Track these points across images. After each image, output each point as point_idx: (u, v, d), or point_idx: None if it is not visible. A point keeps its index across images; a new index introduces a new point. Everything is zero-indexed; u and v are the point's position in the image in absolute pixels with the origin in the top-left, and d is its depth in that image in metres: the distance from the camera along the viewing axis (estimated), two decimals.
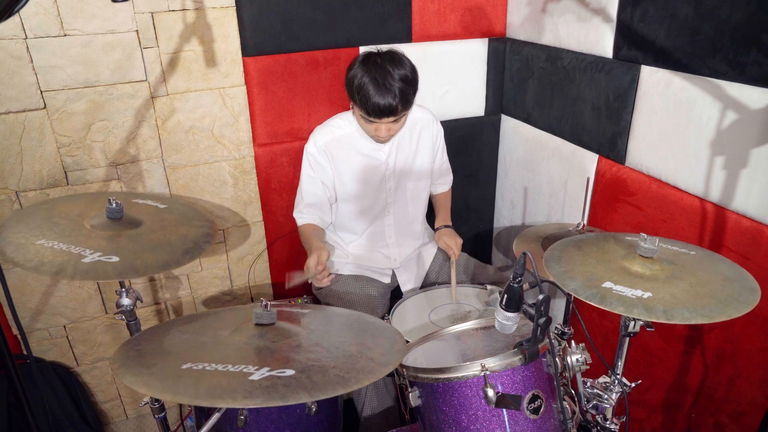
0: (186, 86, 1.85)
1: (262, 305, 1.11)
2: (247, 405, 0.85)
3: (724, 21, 1.36)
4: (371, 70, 1.63)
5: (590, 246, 1.28)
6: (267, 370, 0.92)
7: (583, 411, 1.31)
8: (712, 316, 1.01)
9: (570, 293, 1.55)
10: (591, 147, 1.89)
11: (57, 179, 1.79)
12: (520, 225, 2.40)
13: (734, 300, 1.06)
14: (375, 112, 1.63)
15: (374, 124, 1.69)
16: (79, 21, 1.66)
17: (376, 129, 1.71)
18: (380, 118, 1.65)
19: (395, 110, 1.64)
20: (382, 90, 1.61)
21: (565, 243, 1.31)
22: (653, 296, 1.05)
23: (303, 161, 1.89)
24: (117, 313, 1.35)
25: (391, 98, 1.61)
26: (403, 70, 1.65)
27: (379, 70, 1.62)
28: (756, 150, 1.34)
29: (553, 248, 1.28)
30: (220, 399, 0.86)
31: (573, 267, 1.18)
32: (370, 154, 1.85)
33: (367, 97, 1.61)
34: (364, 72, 1.63)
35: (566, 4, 1.88)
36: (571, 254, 1.24)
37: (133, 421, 2.22)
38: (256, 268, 2.21)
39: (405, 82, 1.64)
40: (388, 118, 1.66)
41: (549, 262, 1.21)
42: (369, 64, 1.64)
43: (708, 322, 1.01)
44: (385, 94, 1.61)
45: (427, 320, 1.70)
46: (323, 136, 1.84)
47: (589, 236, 1.36)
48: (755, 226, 1.38)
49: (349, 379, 0.92)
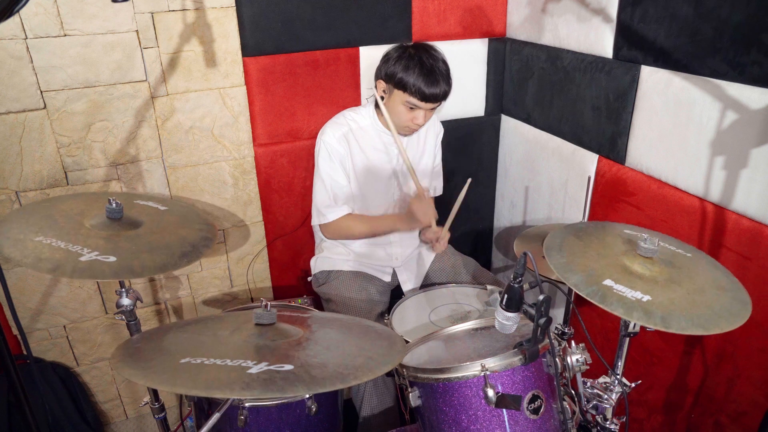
0: (186, 86, 1.85)
1: (262, 305, 1.11)
2: (244, 396, 0.85)
3: (724, 21, 1.36)
4: (416, 57, 1.69)
5: (590, 237, 1.28)
6: (266, 364, 0.92)
7: (583, 411, 1.31)
8: (707, 327, 1.01)
9: (570, 290, 1.55)
10: (591, 147, 1.89)
11: (57, 179, 1.79)
12: (520, 225, 2.40)
13: (727, 312, 1.06)
14: (427, 96, 1.68)
15: (416, 111, 1.73)
16: (79, 21, 1.66)
17: (415, 117, 1.74)
18: (429, 102, 1.70)
19: (445, 94, 1.72)
20: (433, 74, 1.67)
21: (566, 232, 1.30)
22: (652, 300, 1.05)
23: (321, 155, 1.81)
24: (117, 313, 1.35)
25: (443, 82, 1.69)
26: (442, 56, 1.74)
27: (425, 56, 1.69)
28: (756, 150, 1.34)
29: (553, 236, 1.27)
30: (218, 390, 0.86)
31: (574, 259, 1.17)
32: (384, 148, 1.86)
33: (419, 81, 1.66)
34: (409, 60, 1.68)
35: (566, 4, 1.88)
36: (571, 244, 1.24)
37: (133, 421, 2.22)
38: (256, 268, 2.21)
39: (447, 69, 1.73)
40: (434, 104, 1.72)
41: (550, 251, 1.20)
42: (410, 54, 1.70)
43: (703, 333, 1.01)
44: (437, 77, 1.68)
45: (427, 320, 1.70)
46: (340, 127, 1.84)
47: (587, 225, 1.36)
48: (755, 226, 1.38)
49: (348, 375, 0.92)
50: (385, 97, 1.78)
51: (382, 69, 1.76)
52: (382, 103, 1.77)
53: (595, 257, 1.19)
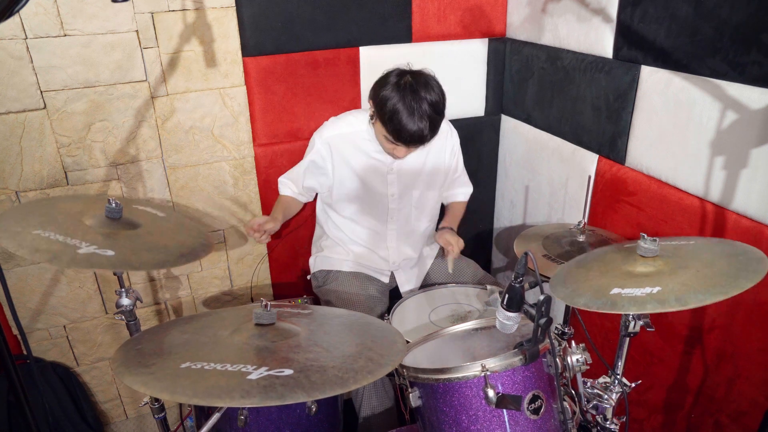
0: (186, 86, 1.85)
1: (262, 305, 1.11)
2: (244, 404, 0.85)
3: (724, 21, 1.36)
4: (405, 95, 1.60)
5: (591, 263, 1.27)
6: (265, 369, 0.92)
7: (584, 411, 1.31)
8: (726, 291, 0.98)
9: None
10: (591, 147, 1.89)
11: (57, 179, 1.79)
12: (520, 225, 2.40)
13: (744, 270, 1.04)
14: (404, 140, 1.63)
15: (394, 144, 1.68)
16: (79, 21, 1.66)
17: (396, 150, 1.71)
18: (408, 145, 1.66)
19: (425, 140, 1.65)
20: (414, 119, 1.59)
21: (567, 267, 1.30)
22: (663, 289, 1.04)
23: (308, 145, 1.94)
24: (117, 313, 1.35)
25: (423, 127, 1.60)
26: (435, 96, 1.63)
27: (413, 97, 1.59)
28: (756, 150, 1.34)
29: (555, 275, 1.27)
30: (218, 398, 0.86)
31: (578, 285, 1.16)
32: (374, 156, 1.84)
33: (400, 125, 1.60)
34: (399, 97, 1.60)
35: (566, 4, 1.88)
36: (574, 275, 1.23)
37: (133, 421, 2.22)
38: (256, 268, 2.21)
39: (436, 111, 1.63)
40: (412, 146, 1.67)
41: (555, 288, 1.20)
42: (402, 87, 1.61)
43: (724, 298, 0.97)
44: (418, 123, 1.59)
45: (427, 320, 1.70)
46: (332, 130, 1.87)
47: (588, 255, 1.35)
48: (755, 226, 1.38)
49: (348, 379, 0.92)
50: (373, 119, 1.73)
51: (375, 90, 1.68)
52: (370, 122, 1.76)
53: (597, 277, 1.18)
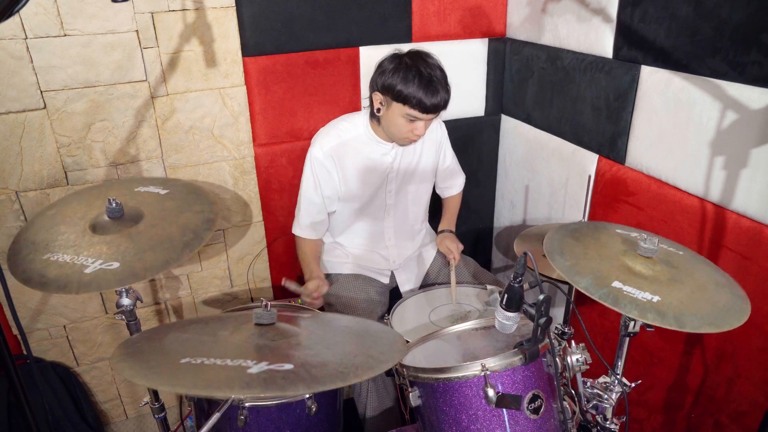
0: (186, 86, 1.85)
1: (262, 305, 1.11)
2: (244, 394, 0.85)
3: (724, 21, 1.36)
4: (413, 68, 1.62)
5: (586, 238, 1.28)
6: (266, 364, 0.92)
7: (583, 411, 1.31)
8: (718, 324, 1.02)
9: (570, 290, 1.55)
10: (591, 147, 1.89)
11: (57, 179, 1.79)
12: (520, 225, 2.40)
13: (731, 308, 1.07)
14: (428, 107, 1.63)
15: (416, 122, 1.68)
16: (79, 21, 1.66)
17: (416, 128, 1.70)
18: (430, 113, 1.66)
19: (446, 103, 1.67)
20: (432, 85, 1.62)
21: (562, 233, 1.30)
22: (662, 300, 1.06)
23: (305, 168, 1.85)
24: (117, 313, 1.35)
25: (443, 91, 1.64)
26: (436, 61, 1.68)
27: (422, 66, 1.63)
28: (756, 150, 1.34)
29: (551, 239, 1.27)
30: (218, 389, 0.86)
31: (578, 261, 1.17)
32: (378, 158, 1.84)
33: (420, 93, 1.61)
34: (406, 71, 1.62)
35: (566, 4, 1.88)
36: (571, 246, 1.24)
37: (133, 421, 2.22)
38: (256, 268, 2.21)
39: (444, 75, 1.67)
40: (434, 114, 1.68)
41: (552, 254, 1.20)
42: (407, 64, 1.64)
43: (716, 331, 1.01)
44: (436, 87, 1.62)
45: (427, 320, 1.70)
46: (331, 140, 1.82)
47: (581, 225, 1.36)
48: (755, 226, 1.38)
49: (348, 374, 0.92)
50: (382, 110, 1.72)
51: (377, 81, 1.68)
52: (379, 115, 1.74)
53: (596, 258, 1.19)
